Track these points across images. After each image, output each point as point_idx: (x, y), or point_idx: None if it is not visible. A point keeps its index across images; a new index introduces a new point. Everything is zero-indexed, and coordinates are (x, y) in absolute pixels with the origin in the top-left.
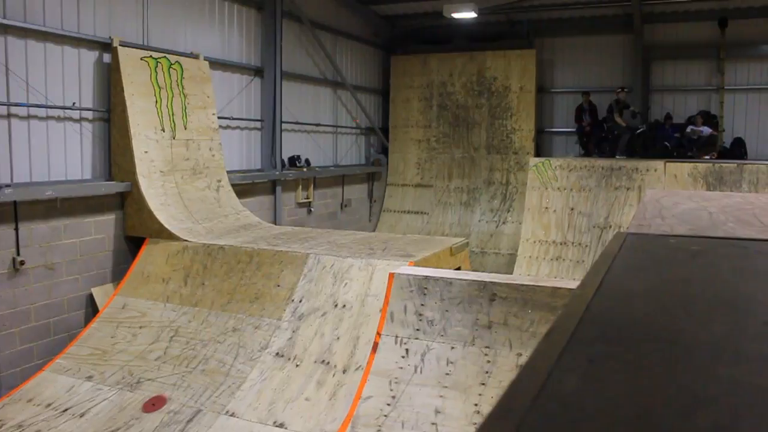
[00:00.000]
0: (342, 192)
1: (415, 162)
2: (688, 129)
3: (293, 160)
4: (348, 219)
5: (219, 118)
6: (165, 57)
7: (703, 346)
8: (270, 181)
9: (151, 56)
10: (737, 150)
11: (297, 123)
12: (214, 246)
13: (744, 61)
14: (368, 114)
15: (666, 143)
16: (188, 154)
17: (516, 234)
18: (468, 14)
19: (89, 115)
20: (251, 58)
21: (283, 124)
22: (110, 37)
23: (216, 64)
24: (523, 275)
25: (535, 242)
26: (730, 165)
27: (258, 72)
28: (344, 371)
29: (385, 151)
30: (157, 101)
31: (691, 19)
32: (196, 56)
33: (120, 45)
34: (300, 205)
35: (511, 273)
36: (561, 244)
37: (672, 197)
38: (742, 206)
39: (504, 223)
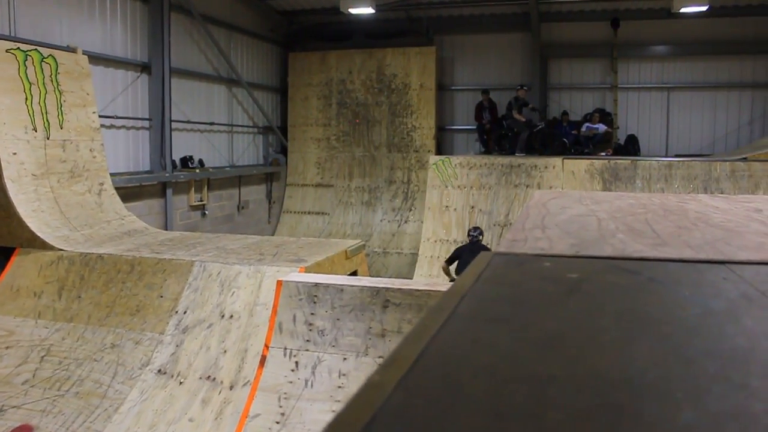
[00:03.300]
0: (239, 193)
1: (315, 161)
2: (584, 127)
3: (185, 161)
4: (246, 221)
5: (101, 116)
6: (36, 50)
7: None
8: (160, 183)
9: (18, 48)
10: (631, 147)
11: (189, 122)
12: (92, 255)
13: (636, 60)
14: (266, 112)
15: (564, 140)
16: (65, 156)
17: (418, 233)
18: (365, 10)
19: None
20: (137, 53)
21: (173, 123)
22: None
23: (97, 59)
24: (424, 276)
25: (436, 241)
26: (624, 161)
27: (145, 68)
28: (231, 387)
29: (284, 150)
30: (27, 98)
31: (585, 18)
32: (73, 50)
33: None
34: (193, 207)
35: (413, 273)
36: (462, 243)
37: (560, 200)
38: (634, 210)
39: (406, 222)
